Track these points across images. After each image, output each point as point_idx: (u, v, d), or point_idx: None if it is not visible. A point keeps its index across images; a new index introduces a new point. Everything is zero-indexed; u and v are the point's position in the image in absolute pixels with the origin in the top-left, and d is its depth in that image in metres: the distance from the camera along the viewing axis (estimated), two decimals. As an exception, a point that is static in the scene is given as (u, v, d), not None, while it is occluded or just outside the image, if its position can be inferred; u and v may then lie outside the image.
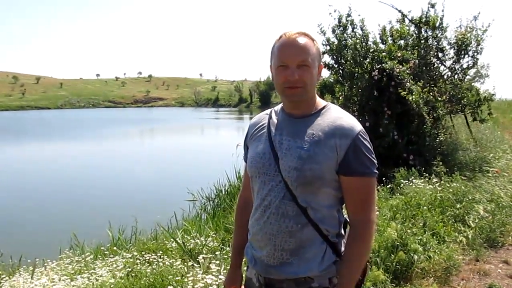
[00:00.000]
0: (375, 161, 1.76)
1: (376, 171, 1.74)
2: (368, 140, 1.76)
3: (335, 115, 1.78)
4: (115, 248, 6.22)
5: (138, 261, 4.68)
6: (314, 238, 1.73)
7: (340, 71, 8.61)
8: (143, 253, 4.99)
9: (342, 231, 1.82)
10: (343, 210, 1.85)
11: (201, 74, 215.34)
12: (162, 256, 4.78)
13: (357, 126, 1.75)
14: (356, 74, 8.20)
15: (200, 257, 4.30)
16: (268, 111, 1.99)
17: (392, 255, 4.17)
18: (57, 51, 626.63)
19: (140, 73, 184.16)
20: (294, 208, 1.72)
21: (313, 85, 1.78)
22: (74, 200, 14.51)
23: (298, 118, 1.80)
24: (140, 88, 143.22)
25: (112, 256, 5.71)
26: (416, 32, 8.81)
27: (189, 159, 22.10)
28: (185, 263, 4.43)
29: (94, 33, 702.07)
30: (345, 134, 1.70)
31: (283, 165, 1.74)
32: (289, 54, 1.72)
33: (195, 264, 4.30)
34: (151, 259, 4.67)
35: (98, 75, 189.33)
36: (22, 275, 5.66)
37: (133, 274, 4.16)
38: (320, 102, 1.84)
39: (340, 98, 8.72)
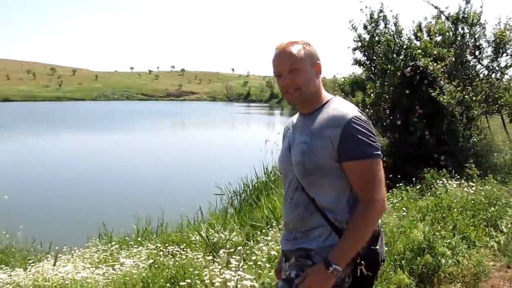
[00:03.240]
0: (374, 143, 1.83)
1: (376, 152, 1.82)
2: (364, 124, 1.83)
3: (333, 107, 1.89)
4: (139, 239, 6.25)
5: (161, 252, 4.70)
6: (321, 224, 1.87)
7: (372, 67, 8.45)
8: (166, 245, 5.02)
9: None
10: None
11: (233, 69, 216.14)
12: (185, 249, 4.79)
13: (349, 114, 1.83)
14: (388, 71, 8.02)
15: (221, 251, 4.29)
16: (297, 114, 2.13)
17: (418, 258, 4.05)
18: (93, 44, 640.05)
19: (173, 67, 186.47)
20: (304, 198, 1.90)
21: (310, 83, 1.91)
22: (105, 190, 14.80)
23: (306, 115, 1.97)
24: (172, 82, 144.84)
25: (136, 246, 5.78)
26: (453, 29, 8.55)
27: (218, 153, 22.22)
28: (205, 257, 4.43)
29: (129, 26, 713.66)
30: (336, 124, 1.81)
31: (293, 160, 1.93)
32: (279, 63, 1.91)
33: (216, 258, 4.29)
34: (174, 251, 4.69)
35: (132, 68, 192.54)
36: (49, 261, 5.79)
37: (156, 266, 4.18)
38: (325, 96, 1.97)
39: (371, 95, 8.56)
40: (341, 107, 1.88)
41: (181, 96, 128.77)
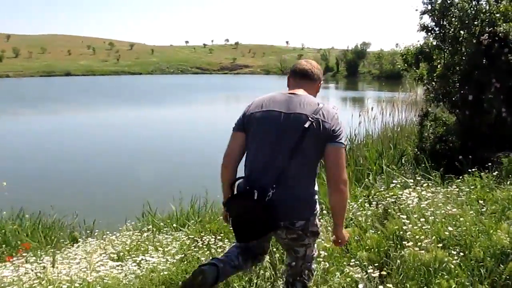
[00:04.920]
0: None
1: None
2: None
3: None
4: (174, 225, 5.78)
5: (196, 242, 4.19)
6: None
7: (442, 34, 7.42)
8: (202, 233, 4.48)
9: None
10: None
11: (287, 42, 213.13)
12: (223, 239, 4.25)
13: None
14: (460, 39, 7.01)
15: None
16: None
17: (501, 266, 3.28)
18: (149, 19, 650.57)
19: (227, 40, 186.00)
20: None
21: None
22: (154, 165, 14.63)
23: None
24: (226, 55, 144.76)
25: (172, 232, 5.33)
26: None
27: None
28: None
29: (184, 0, 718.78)
30: None
31: None
32: None
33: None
34: (210, 242, 4.16)
35: (187, 42, 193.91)
36: (89, 242, 5.45)
37: (186, 260, 3.67)
38: None
39: (439, 66, 7.59)
40: None
41: (235, 69, 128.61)
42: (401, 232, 3.42)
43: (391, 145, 9.65)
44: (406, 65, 8.03)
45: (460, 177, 5.47)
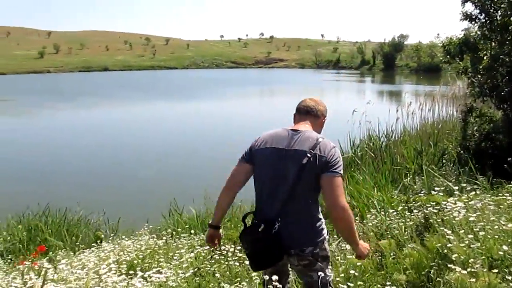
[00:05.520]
0: None
1: None
2: None
3: None
4: (192, 231, 5.42)
5: (214, 253, 3.82)
6: None
7: (488, 23, 6.75)
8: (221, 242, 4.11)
9: None
10: None
11: (322, 35, 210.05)
12: (243, 250, 3.87)
13: None
14: (510, 27, 6.34)
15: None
16: None
17: None
18: (184, 14, 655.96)
19: (262, 34, 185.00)
20: None
21: None
22: (186, 161, 14.42)
23: None
24: (261, 49, 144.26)
25: (191, 236, 4.98)
26: None
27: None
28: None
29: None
30: None
31: None
32: None
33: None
34: (229, 252, 3.78)
35: (222, 36, 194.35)
36: (103, 248, 5.18)
37: (200, 274, 3.30)
38: None
39: (485, 58, 6.94)
40: None
41: (269, 63, 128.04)
42: (445, 250, 2.93)
43: (431, 142, 9.01)
44: (448, 57, 7.39)
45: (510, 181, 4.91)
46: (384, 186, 6.88)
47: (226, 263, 3.56)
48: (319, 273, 2.55)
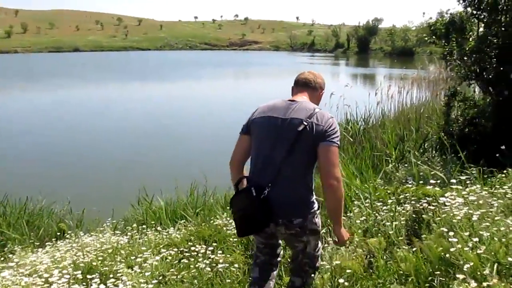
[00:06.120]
0: None
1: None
2: None
3: None
4: (159, 228, 4.96)
5: (182, 254, 3.37)
6: None
7: (477, 2, 6.37)
8: (190, 242, 3.64)
9: None
10: None
11: (297, 18, 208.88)
12: (215, 251, 3.43)
13: None
14: (500, 6, 5.99)
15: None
16: None
17: None
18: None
19: (236, 15, 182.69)
20: None
21: None
22: (157, 147, 13.83)
23: None
24: (235, 31, 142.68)
25: (159, 230, 4.52)
26: None
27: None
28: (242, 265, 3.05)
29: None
30: None
31: None
32: None
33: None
34: (199, 254, 3.34)
35: (196, 17, 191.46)
36: (58, 247, 4.66)
37: (165, 283, 2.85)
38: None
39: (470, 39, 6.61)
40: None
41: (244, 45, 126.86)
42: (447, 255, 2.55)
43: (412, 127, 8.71)
44: (434, 37, 7.01)
45: (502, 171, 4.60)
46: (366, 174, 6.55)
47: (197, 266, 3.13)
48: (306, 245, 2.60)
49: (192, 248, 3.43)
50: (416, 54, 74.07)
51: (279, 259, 2.84)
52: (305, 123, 2.46)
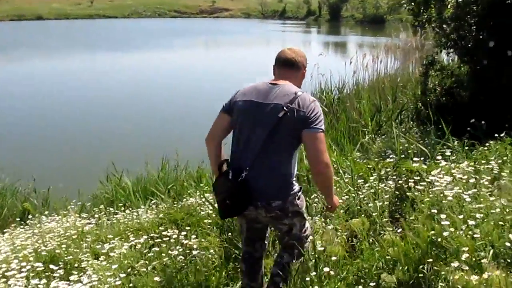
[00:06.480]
0: None
1: None
2: None
3: None
4: (127, 207, 4.70)
5: (153, 241, 3.13)
6: None
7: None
8: (161, 227, 3.39)
9: None
10: None
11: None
12: (189, 235, 3.19)
13: None
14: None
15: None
16: None
17: None
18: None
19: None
20: None
21: None
22: (127, 119, 13.34)
23: None
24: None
25: (128, 211, 4.26)
26: None
27: (251, 76, 20.10)
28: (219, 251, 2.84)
29: None
30: None
31: None
32: None
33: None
34: (171, 240, 3.11)
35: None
36: (17, 235, 4.34)
37: (134, 274, 2.61)
38: None
39: (449, 6, 6.41)
40: None
41: (214, 13, 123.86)
42: (439, 239, 2.38)
43: (388, 97, 8.56)
44: (413, 4, 6.79)
45: (483, 143, 4.49)
46: (343, 146, 6.40)
47: (169, 253, 2.90)
48: (289, 227, 2.61)
49: (164, 233, 3.19)
50: (387, 21, 74.03)
51: (263, 250, 2.86)
52: (286, 109, 2.45)
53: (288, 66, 2.70)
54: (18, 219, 6.01)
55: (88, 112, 14.44)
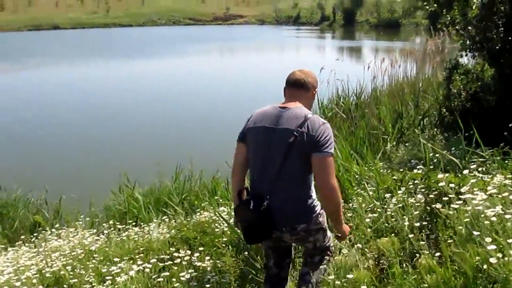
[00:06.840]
0: None
1: None
2: None
3: None
4: (138, 222, 4.48)
5: (164, 263, 2.89)
6: None
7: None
8: (172, 248, 3.15)
9: None
10: None
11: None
12: (202, 257, 2.95)
13: None
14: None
15: None
16: None
17: None
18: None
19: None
20: None
21: None
22: (141, 129, 13.22)
23: None
24: (220, 5, 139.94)
25: (138, 227, 4.03)
26: None
27: (265, 83, 19.83)
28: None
29: None
30: None
31: None
32: None
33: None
34: (183, 262, 2.86)
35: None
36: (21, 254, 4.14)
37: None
38: None
39: (474, 7, 6.11)
40: None
41: (228, 20, 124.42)
42: (484, 266, 2.10)
43: (410, 103, 8.23)
44: (436, 4, 6.47)
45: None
46: (363, 154, 6.10)
47: (181, 278, 2.65)
48: (315, 243, 2.65)
49: (175, 254, 2.95)
50: (402, 26, 73.34)
51: (289, 268, 2.87)
52: (296, 133, 2.46)
53: (298, 87, 2.71)
54: (29, 232, 5.87)
55: (102, 120, 14.38)
